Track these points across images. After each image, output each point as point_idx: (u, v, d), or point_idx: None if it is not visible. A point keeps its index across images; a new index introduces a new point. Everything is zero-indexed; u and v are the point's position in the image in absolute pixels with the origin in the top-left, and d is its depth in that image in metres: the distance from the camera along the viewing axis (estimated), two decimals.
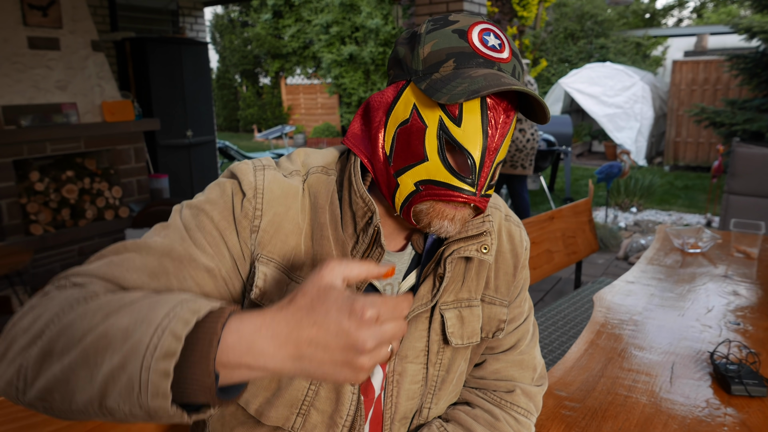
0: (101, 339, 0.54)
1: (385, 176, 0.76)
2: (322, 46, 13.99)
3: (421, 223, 0.76)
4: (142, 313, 0.55)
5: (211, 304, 0.56)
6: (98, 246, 4.48)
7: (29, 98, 4.06)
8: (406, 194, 0.74)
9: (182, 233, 0.74)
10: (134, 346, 0.52)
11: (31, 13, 4.09)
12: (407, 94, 0.74)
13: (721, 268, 2.08)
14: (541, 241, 2.54)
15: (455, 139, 0.71)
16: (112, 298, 0.60)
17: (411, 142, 0.73)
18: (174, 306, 0.55)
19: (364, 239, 0.78)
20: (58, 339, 0.56)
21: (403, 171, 0.74)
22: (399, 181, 0.75)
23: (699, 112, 7.48)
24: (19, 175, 4.08)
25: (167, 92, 5.53)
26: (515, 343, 0.96)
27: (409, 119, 0.73)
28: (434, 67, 0.71)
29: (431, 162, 0.72)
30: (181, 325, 0.53)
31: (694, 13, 21.41)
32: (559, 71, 12.62)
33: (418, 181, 0.73)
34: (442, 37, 0.72)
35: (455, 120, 0.71)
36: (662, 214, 6.50)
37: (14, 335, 0.59)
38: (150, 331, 0.53)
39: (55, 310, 0.59)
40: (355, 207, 0.77)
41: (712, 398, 1.21)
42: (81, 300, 0.60)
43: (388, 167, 0.76)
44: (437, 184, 0.72)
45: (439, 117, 0.71)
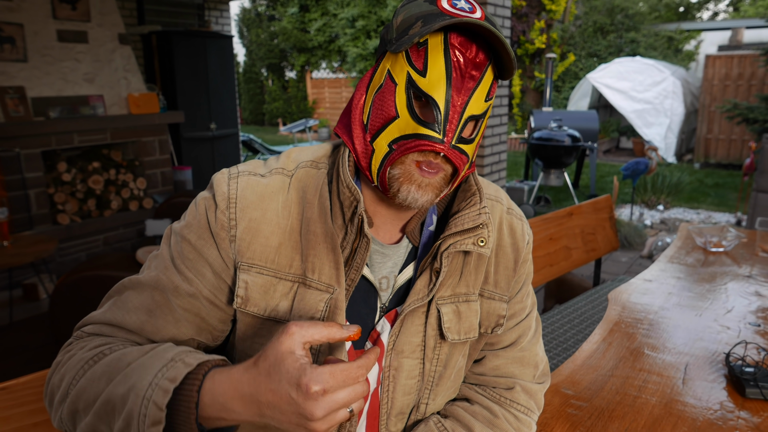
0: (107, 404, 0.66)
1: (363, 146, 0.77)
2: (348, 40, 14.00)
3: (392, 190, 0.75)
4: (133, 381, 0.65)
5: (188, 368, 0.64)
6: (122, 236, 4.57)
7: (58, 90, 4.15)
8: (381, 158, 0.74)
9: (167, 263, 0.79)
10: (129, 414, 0.63)
11: (60, 6, 4.18)
12: (383, 63, 0.75)
13: (744, 268, 2.02)
14: (559, 237, 2.50)
15: (420, 88, 0.71)
16: (112, 359, 0.70)
17: (384, 103, 0.74)
18: (156, 373, 0.64)
19: (352, 229, 0.77)
20: (78, 401, 0.69)
21: (377, 134, 0.74)
22: (374, 146, 0.75)
23: (732, 108, 7.26)
24: (48, 165, 4.18)
25: (192, 85, 5.60)
26: (516, 339, 0.94)
27: (383, 83, 0.74)
28: (404, 32, 0.72)
29: (401, 118, 0.72)
30: (161, 395, 0.62)
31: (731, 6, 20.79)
32: (587, 66, 12.40)
33: (390, 141, 0.73)
34: (413, 6, 0.73)
35: (421, 72, 0.71)
36: (690, 213, 6.35)
37: (52, 390, 0.73)
38: (138, 401, 0.63)
39: (73, 374, 0.71)
40: (343, 197, 0.77)
41: (726, 401, 1.18)
42: (90, 361, 0.71)
43: (365, 136, 0.76)
44: (406, 137, 0.72)
45: (407, 72, 0.72)
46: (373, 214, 0.82)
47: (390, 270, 0.84)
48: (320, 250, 0.77)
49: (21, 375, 1.05)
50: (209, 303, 0.78)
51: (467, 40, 0.71)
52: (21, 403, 1.04)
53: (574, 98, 11.08)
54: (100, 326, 0.78)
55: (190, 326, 0.78)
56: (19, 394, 1.04)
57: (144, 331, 0.76)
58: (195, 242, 0.78)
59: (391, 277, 0.84)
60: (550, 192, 7.38)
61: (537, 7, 12.59)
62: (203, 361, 0.66)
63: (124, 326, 0.77)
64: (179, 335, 0.78)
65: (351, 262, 0.78)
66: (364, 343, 0.84)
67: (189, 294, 0.77)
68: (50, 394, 0.73)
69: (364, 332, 0.84)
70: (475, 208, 0.81)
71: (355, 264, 0.78)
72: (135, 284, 0.79)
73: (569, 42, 12.75)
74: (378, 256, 0.82)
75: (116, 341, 0.75)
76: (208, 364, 0.65)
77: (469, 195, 0.83)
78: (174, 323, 0.77)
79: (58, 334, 2.65)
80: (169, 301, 0.77)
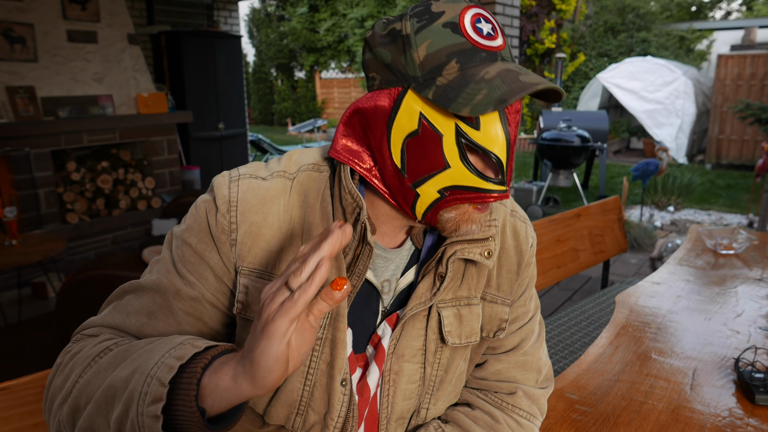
0: (108, 390, 0.63)
1: (399, 188, 0.73)
2: (357, 40, 14.00)
3: (447, 230, 0.74)
4: (139, 363, 0.63)
5: (196, 348, 0.62)
6: (130, 235, 4.59)
7: (67, 90, 4.18)
8: (429, 202, 0.72)
9: (168, 266, 0.78)
10: (131, 395, 0.60)
11: (70, 6, 4.20)
12: (409, 103, 0.69)
13: (755, 271, 1.99)
14: (566, 238, 2.48)
15: (477, 143, 0.68)
16: (119, 351, 0.68)
17: (427, 152, 0.69)
18: (164, 353, 0.62)
19: (354, 236, 0.75)
20: (81, 396, 0.66)
21: (422, 181, 0.71)
22: (419, 192, 0.72)
23: (744, 108, 7.17)
24: (57, 165, 4.21)
25: (200, 85, 5.61)
26: (518, 343, 0.92)
27: (418, 130, 0.69)
28: (435, 71, 0.67)
29: (454, 168, 0.69)
30: (166, 371, 0.59)
31: (744, 5, 20.57)
32: (597, 66, 12.31)
33: (442, 189, 0.70)
34: (435, 36, 0.67)
35: (473, 125, 0.67)
36: (701, 214, 6.28)
37: (53, 393, 0.71)
38: (142, 379, 0.60)
39: (78, 371, 0.69)
40: (345, 203, 0.76)
41: (735, 407, 1.15)
42: (96, 357, 0.69)
43: (402, 179, 0.72)
44: (466, 189, 0.70)
45: (454, 124, 0.68)
46: (376, 218, 0.80)
47: (392, 273, 0.83)
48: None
49: (29, 373, 1.05)
50: (212, 306, 0.77)
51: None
52: (21, 404, 1.04)
53: (583, 98, 11.01)
54: (100, 329, 0.77)
55: (192, 330, 0.77)
56: (19, 395, 1.03)
57: (144, 334, 0.76)
58: (196, 246, 0.77)
59: (393, 280, 0.83)
60: (559, 193, 7.33)
61: (547, 6, 12.52)
62: (212, 345, 0.64)
63: (124, 329, 0.76)
64: None
65: (353, 268, 0.76)
66: (365, 347, 0.83)
67: (191, 297, 0.76)
68: (50, 399, 0.71)
69: (364, 337, 0.82)
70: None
71: (357, 271, 0.76)
72: (135, 288, 0.78)
73: (579, 42, 12.67)
74: (380, 261, 0.81)
75: (122, 337, 0.74)
76: (218, 348, 0.63)
77: None
78: (176, 326, 0.76)
79: (64, 332, 2.66)
80: (170, 304, 0.76)
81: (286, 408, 0.79)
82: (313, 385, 0.78)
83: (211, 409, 0.59)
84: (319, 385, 0.78)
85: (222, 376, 0.58)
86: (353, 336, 0.81)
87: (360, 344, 0.82)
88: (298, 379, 0.77)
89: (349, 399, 0.79)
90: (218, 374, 0.59)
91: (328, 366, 0.78)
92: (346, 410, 0.79)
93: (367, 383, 0.82)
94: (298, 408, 0.79)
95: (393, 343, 0.81)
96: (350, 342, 0.80)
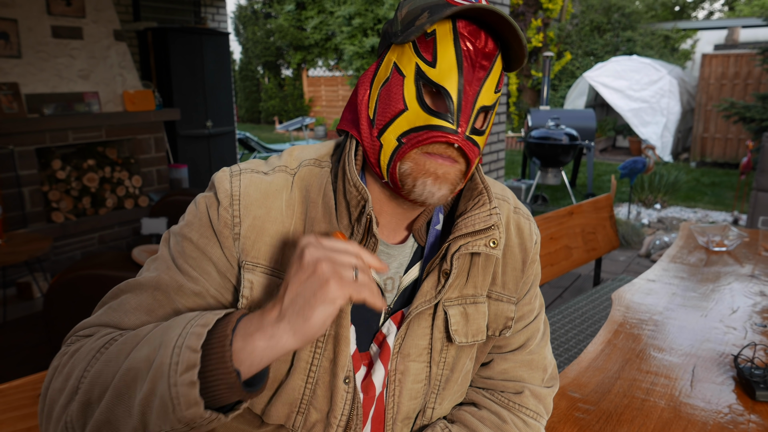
0: (128, 373, 0.60)
1: (370, 142, 0.74)
2: (344, 38, 13.96)
3: (406, 186, 0.72)
4: (158, 340, 0.61)
5: (217, 315, 0.61)
6: (117, 234, 4.53)
7: (52, 87, 4.11)
8: (390, 152, 0.72)
9: (168, 263, 0.76)
10: (158, 369, 0.58)
11: (55, 2, 4.13)
12: (388, 57, 0.74)
13: (747, 268, 2.01)
14: (559, 236, 2.48)
15: (430, 79, 0.69)
16: (127, 337, 0.66)
17: (391, 96, 0.72)
18: (185, 325, 0.61)
19: (359, 230, 0.74)
20: (92, 389, 0.63)
21: (385, 128, 0.72)
22: (382, 141, 0.72)
23: (728, 107, 7.27)
24: (42, 163, 4.14)
25: (188, 82, 5.55)
26: (524, 342, 0.91)
27: (389, 77, 0.72)
28: (411, 23, 0.70)
29: (411, 110, 0.70)
30: (194, 339, 0.58)
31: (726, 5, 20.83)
32: (584, 64, 12.39)
33: (399, 135, 0.71)
34: None
35: (431, 63, 0.69)
36: (687, 211, 6.35)
37: (52, 397, 0.66)
38: (168, 352, 0.58)
39: (83, 366, 0.65)
40: (349, 196, 0.74)
41: (735, 404, 1.16)
42: (101, 348, 0.66)
43: (372, 131, 0.74)
44: (417, 129, 0.70)
45: (415, 64, 0.70)
46: (378, 212, 0.79)
47: (395, 270, 0.81)
48: None
49: (15, 375, 1.02)
50: (215, 301, 0.75)
51: (476, 29, 0.69)
52: (14, 407, 1.01)
53: (570, 97, 11.08)
54: (96, 329, 0.73)
55: None
56: (12, 398, 1.01)
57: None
58: (197, 241, 0.75)
59: (396, 277, 0.81)
60: (548, 191, 7.36)
61: (534, 5, 12.58)
62: (231, 311, 0.64)
63: (123, 327, 0.72)
64: None
65: None
66: (368, 346, 0.81)
67: (195, 293, 0.74)
68: (49, 404, 0.67)
69: (368, 335, 0.81)
70: (485, 209, 0.78)
71: None
72: (133, 286, 0.75)
73: (566, 41, 12.74)
74: (383, 257, 0.80)
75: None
76: (238, 312, 0.63)
77: (476, 194, 0.80)
78: None
79: (52, 333, 2.61)
80: (172, 300, 0.73)
81: (286, 406, 0.77)
82: (315, 382, 0.76)
83: (247, 372, 0.59)
84: (322, 383, 0.77)
85: (258, 336, 0.59)
86: (357, 334, 0.80)
87: (364, 342, 0.81)
88: (300, 376, 0.76)
89: (353, 397, 0.77)
90: (253, 337, 0.59)
91: (331, 363, 0.76)
92: (349, 408, 0.77)
93: (373, 382, 0.81)
94: (299, 406, 0.77)
95: (398, 343, 0.80)
96: (354, 339, 0.79)
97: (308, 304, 0.58)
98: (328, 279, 0.58)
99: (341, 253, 0.61)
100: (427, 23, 0.67)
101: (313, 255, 0.60)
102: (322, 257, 0.60)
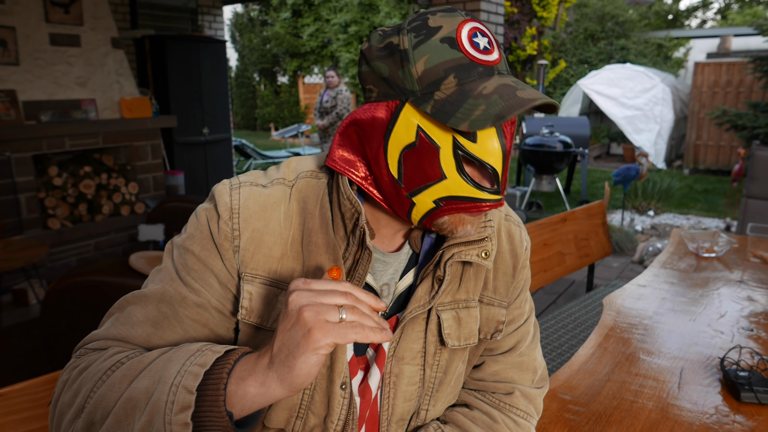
0: (129, 402, 0.64)
1: (395, 197, 0.75)
2: (341, 46, 14.03)
3: (443, 232, 0.76)
4: (158, 373, 0.64)
5: (217, 354, 0.64)
6: (113, 241, 4.54)
7: (50, 94, 4.13)
8: (425, 211, 0.73)
9: (172, 275, 0.78)
10: (155, 405, 0.61)
11: (53, 10, 4.16)
12: (407, 116, 0.70)
13: (736, 273, 2.04)
14: (553, 242, 2.51)
15: (474, 156, 0.69)
16: (132, 362, 0.68)
17: (423, 164, 0.71)
18: (185, 361, 0.64)
19: (354, 241, 0.77)
20: (95, 411, 0.66)
21: (418, 191, 0.72)
22: (415, 201, 0.73)
23: (721, 114, 7.34)
24: (38, 169, 4.15)
25: (185, 90, 5.58)
26: (515, 344, 0.94)
27: (416, 142, 0.70)
28: (433, 85, 0.68)
29: (450, 180, 0.70)
30: (191, 379, 0.61)
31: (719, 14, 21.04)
32: (578, 72, 12.49)
33: (437, 199, 0.72)
34: (433, 51, 0.68)
35: (470, 138, 0.69)
36: (680, 218, 6.40)
37: (61, 410, 0.70)
38: (166, 389, 0.62)
39: (89, 386, 0.68)
40: (344, 209, 0.77)
41: (721, 405, 1.19)
42: (108, 371, 0.68)
43: (398, 189, 0.74)
44: (461, 199, 0.71)
45: (452, 137, 0.69)
46: (375, 222, 0.82)
47: (391, 277, 0.84)
48: (322, 261, 0.77)
49: (11, 381, 1.04)
50: (218, 312, 0.78)
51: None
52: (16, 411, 1.03)
53: (565, 104, 11.16)
54: (105, 342, 0.76)
55: (199, 337, 0.77)
56: (13, 402, 1.03)
57: (151, 344, 0.75)
58: (199, 253, 0.78)
59: (391, 283, 0.84)
60: (542, 197, 7.41)
61: (529, 14, 12.68)
62: (231, 349, 0.66)
63: (130, 341, 0.75)
64: None
65: (353, 273, 0.78)
66: (365, 350, 0.84)
67: (197, 304, 0.76)
68: (58, 415, 0.70)
69: None
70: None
71: (357, 275, 0.77)
72: (139, 298, 0.78)
73: (560, 49, 12.84)
74: (379, 264, 0.83)
75: (131, 350, 0.74)
76: (237, 352, 0.65)
77: None
78: (182, 334, 0.76)
79: (50, 339, 2.62)
80: (176, 312, 0.76)
81: (286, 411, 0.79)
82: (313, 388, 0.79)
83: (239, 414, 0.62)
84: (320, 389, 0.79)
85: (251, 382, 0.61)
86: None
87: (360, 347, 0.84)
88: None
89: (349, 402, 0.80)
90: (246, 381, 0.61)
91: (329, 370, 0.79)
92: (345, 413, 0.80)
93: (369, 385, 0.83)
94: (298, 411, 0.79)
95: (393, 346, 0.82)
96: (350, 346, 0.82)
97: (292, 355, 0.59)
98: (311, 328, 0.58)
99: (328, 295, 0.61)
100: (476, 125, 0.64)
101: (297, 302, 0.60)
102: (306, 304, 0.60)
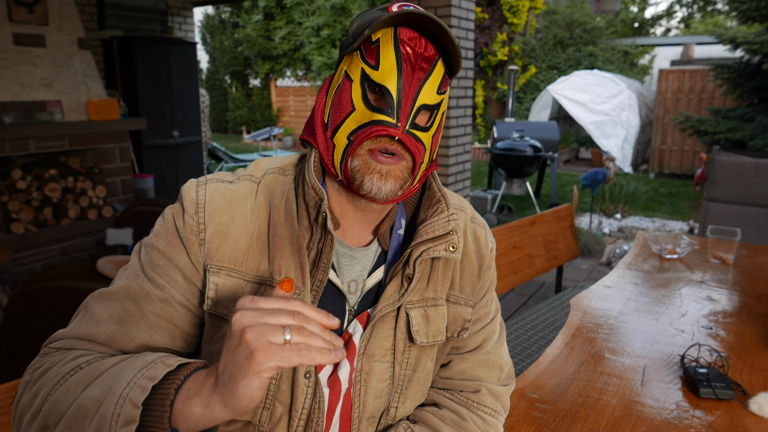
0: (80, 410, 0.64)
1: (324, 144, 0.81)
2: (313, 49, 14.00)
3: (356, 182, 0.77)
4: (110, 383, 0.64)
5: (169, 367, 0.64)
6: (80, 246, 4.44)
7: (13, 95, 4.02)
8: (341, 151, 0.78)
9: (137, 272, 0.80)
10: (103, 415, 0.62)
11: (17, 9, 4.06)
12: (341, 67, 0.80)
13: (697, 274, 2.11)
14: (522, 245, 2.56)
15: (373, 79, 0.75)
16: (89, 369, 0.69)
17: (342, 100, 0.78)
18: (136, 372, 0.64)
19: (317, 229, 0.79)
20: (50, 415, 0.67)
21: (336, 129, 0.78)
22: (335, 142, 0.78)
23: (684, 120, 7.57)
24: (1, 172, 4.04)
25: (154, 92, 5.50)
26: (481, 343, 0.96)
27: (341, 83, 0.79)
28: (359, 34, 0.76)
29: (357, 110, 0.76)
30: (138, 392, 0.61)
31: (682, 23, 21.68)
32: (547, 78, 12.71)
33: (349, 134, 0.77)
34: (366, 14, 0.78)
35: (374, 66, 0.75)
36: (646, 221, 6.57)
37: (21, 410, 0.71)
38: (114, 400, 0.62)
39: (47, 389, 0.69)
40: (308, 198, 0.79)
41: (681, 401, 1.23)
42: (66, 375, 0.69)
43: (326, 134, 0.80)
44: (363, 126, 0.76)
45: (361, 69, 0.76)
46: (341, 216, 0.84)
47: (359, 273, 0.85)
48: (286, 253, 0.79)
49: None
50: (182, 307, 0.79)
51: (417, 36, 0.75)
52: None
53: (535, 109, 11.35)
54: (70, 341, 0.77)
55: (164, 333, 0.78)
56: None
57: (115, 341, 0.76)
58: (164, 249, 0.79)
59: (359, 280, 0.86)
60: (513, 201, 7.52)
61: (499, 20, 12.87)
62: (184, 363, 0.66)
63: (95, 339, 0.76)
64: (153, 342, 0.77)
65: (318, 263, 0.80)
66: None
67: (161, 299, 0.78)
68: (19, 414, 0.71)
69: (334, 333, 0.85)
70: (443, 216, 0.83)
71: (322, 264, 0.79)
72: (104, 296, 0.79)
73: (530, 54, 13.06)
74: (346, 259, 0.84)
75: (93, 354, 0.74)
76: (190, 367, 0.65)
77: (435, 202, 0.86)
78: (147, 331, 0.77)
79: (13, 346, 2.55)
80: (141, 308, 0.77)
81: None
82: (279, 377, 0.80)
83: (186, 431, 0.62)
84: (285, 377, 0.80)
85: (195, 402, 0.61)
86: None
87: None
88: None
89: (314, 391, 0.81)
90: (191, 401, 0.62)
91: None
92: (310, 402, 0.81)
93: (339, 377, 0.84)
94: (264, 401, 0.80)
95: (363, 344, 0.84)
96: None
97: (234, 378, 0.58)
98: (254, 350, 0.56)
99: (274, 314, 0.58)
100: (369, 30, 0.73)
101: (241, 322, 0.58)
102: (250, 324, 0.58)
